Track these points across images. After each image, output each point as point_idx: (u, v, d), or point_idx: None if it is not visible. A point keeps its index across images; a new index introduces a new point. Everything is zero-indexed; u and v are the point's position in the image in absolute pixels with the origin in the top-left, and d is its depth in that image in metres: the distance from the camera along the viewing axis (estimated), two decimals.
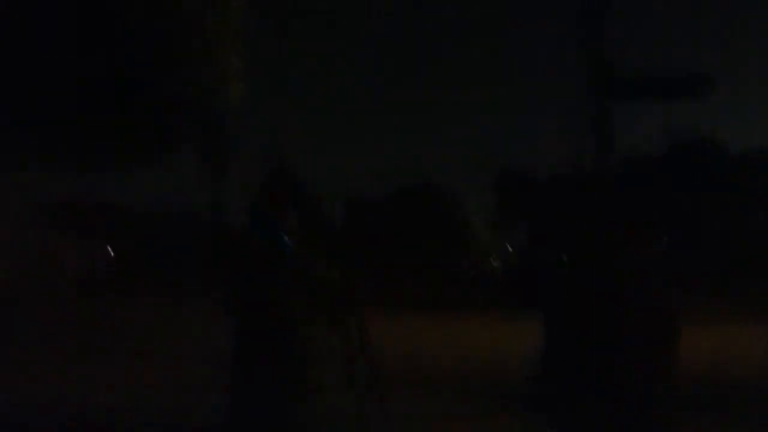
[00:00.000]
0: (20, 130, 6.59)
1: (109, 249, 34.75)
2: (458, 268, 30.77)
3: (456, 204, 32.90)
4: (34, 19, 6.03)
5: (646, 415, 4.08)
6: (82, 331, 15.99)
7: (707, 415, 7.27)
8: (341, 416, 7.08)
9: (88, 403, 8.30)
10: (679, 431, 4.30)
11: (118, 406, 8.14)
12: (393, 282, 24.54)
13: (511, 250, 34.16)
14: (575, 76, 8.08)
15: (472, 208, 33.32)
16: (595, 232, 4.74)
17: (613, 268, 4.34)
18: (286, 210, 4.92)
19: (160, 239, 33.51)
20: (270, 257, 4.67)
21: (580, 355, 4.19)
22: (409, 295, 24.54)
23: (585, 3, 7.88)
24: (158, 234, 33.88)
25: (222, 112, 7.56)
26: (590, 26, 7.67)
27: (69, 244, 32.82)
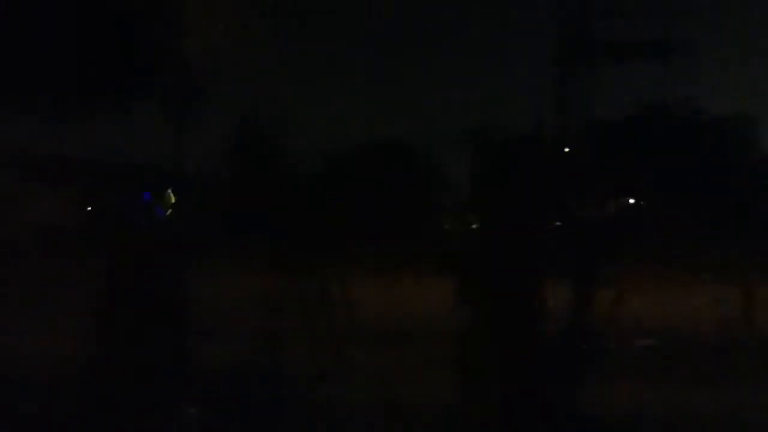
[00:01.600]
0: None
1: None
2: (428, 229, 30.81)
3: (429, 163, 32.78)
4: None
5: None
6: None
7: None
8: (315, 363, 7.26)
9: None
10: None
11: None
12: (361, 241, 24.40)
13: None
14: (549, 37, 8.09)
15: (445, 167, 33.22)
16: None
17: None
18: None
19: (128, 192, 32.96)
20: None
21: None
22: (375, 254, 24.50)
23: None
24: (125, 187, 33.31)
25: (191, 61, 7.41)
26: None
27: (38, 195, 32.07)
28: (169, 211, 4.79)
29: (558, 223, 8.28)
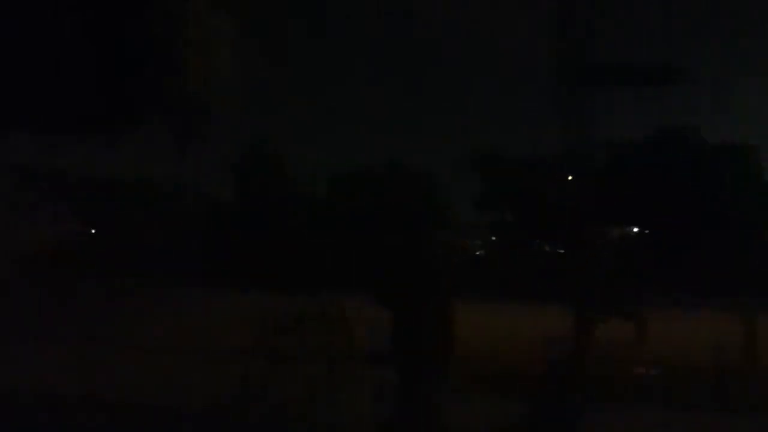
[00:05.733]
0: None
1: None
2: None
3: (435, 186, 32.65)
4: None
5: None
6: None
7: None
8: (318, 384, 7.28)
9: None
10: None
11: None
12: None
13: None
14: (550, 61, 8.12)
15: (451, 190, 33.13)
16: None
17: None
18: None
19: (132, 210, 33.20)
20: None
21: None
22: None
23: None
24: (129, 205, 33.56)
25: (197, 85, 7.50)
26: (564, 12, 7.69)
27: (40, 213, 32.32)
28: None
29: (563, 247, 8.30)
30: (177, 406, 7.09)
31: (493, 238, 34.97)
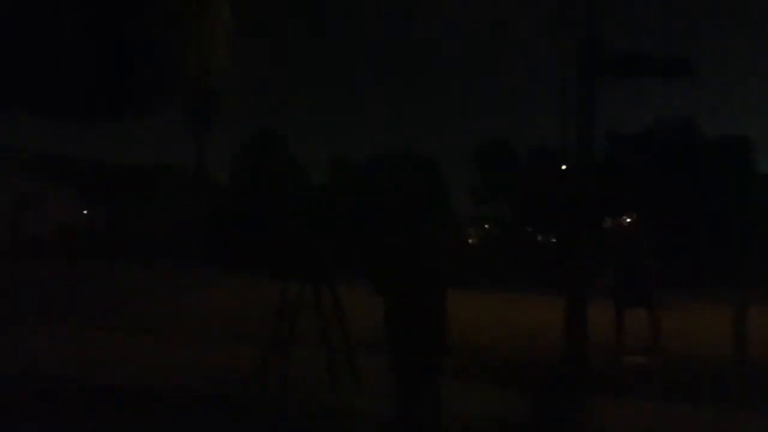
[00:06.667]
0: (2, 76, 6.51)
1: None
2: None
3: (435, 174, 32.49)
4: None
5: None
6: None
7: None
8: (313, 368, 7.28)
9: None
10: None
11: None
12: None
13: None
14: (562, 51, 8.10)
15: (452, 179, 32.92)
16: None
17: None
18: None
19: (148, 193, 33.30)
20: None
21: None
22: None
23: None
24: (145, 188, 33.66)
25: (209, 70, 7.50)
26: (578, 3, 7.65)
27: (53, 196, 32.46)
28: None
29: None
30: (177, 391, 7.10)
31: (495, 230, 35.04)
